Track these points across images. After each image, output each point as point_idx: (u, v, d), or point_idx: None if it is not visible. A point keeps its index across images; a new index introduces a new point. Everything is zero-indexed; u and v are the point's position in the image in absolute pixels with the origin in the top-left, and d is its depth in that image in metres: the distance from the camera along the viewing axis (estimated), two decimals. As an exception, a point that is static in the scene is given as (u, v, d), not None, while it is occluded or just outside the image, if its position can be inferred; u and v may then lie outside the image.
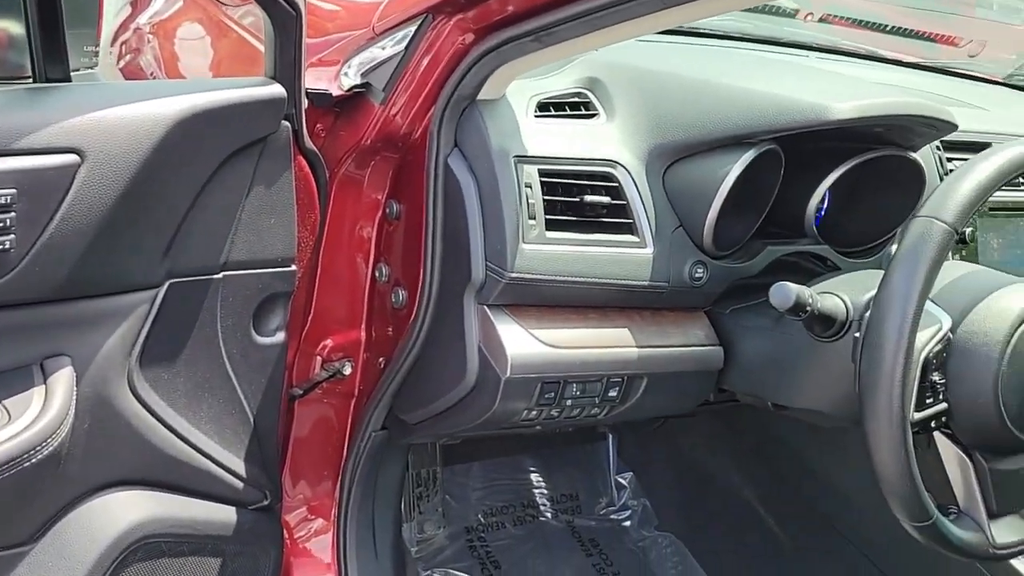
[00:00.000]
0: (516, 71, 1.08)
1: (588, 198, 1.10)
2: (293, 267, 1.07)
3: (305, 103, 1.06)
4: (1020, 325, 0.95)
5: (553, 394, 1.12)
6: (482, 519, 1.77)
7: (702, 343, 1.21)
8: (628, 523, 1.87)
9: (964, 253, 1.41)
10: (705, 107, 1.14)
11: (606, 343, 1.14)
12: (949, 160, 1.43)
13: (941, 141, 1.42)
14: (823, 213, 1.35)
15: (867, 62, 1.92)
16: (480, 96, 1.09)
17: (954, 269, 1.04)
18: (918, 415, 0.92)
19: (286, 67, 0.98)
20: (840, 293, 1.06)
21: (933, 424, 0.96)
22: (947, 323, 0.96)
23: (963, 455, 0.99)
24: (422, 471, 1.67)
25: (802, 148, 1.28)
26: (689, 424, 1.83)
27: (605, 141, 1.15)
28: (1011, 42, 2.22)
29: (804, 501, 1.63)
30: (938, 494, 1.02)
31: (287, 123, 1.01)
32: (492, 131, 1.07)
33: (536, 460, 1.89)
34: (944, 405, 0.96)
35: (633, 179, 1.14)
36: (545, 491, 1.87)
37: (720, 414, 1.73)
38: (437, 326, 1.14)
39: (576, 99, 1.21)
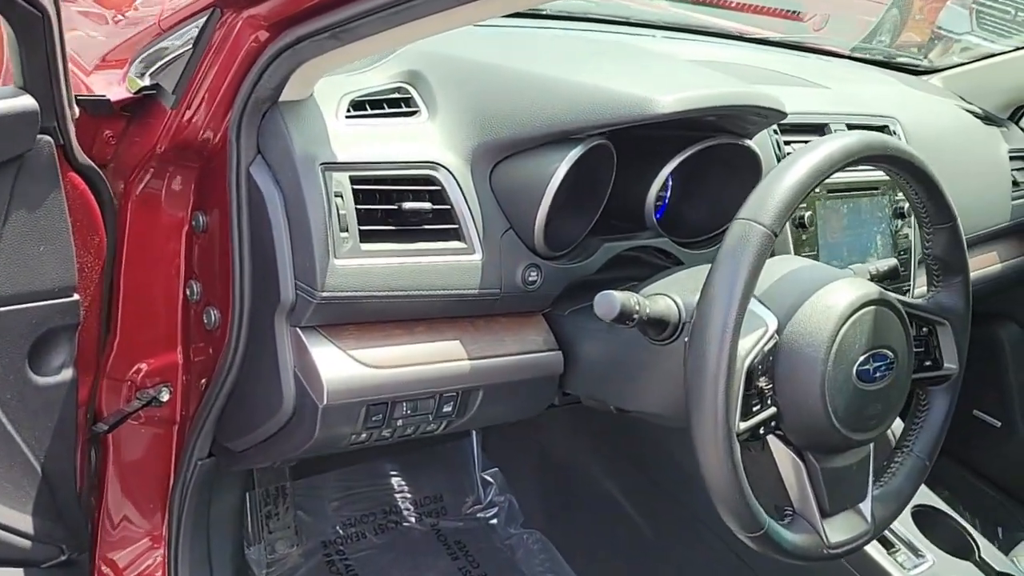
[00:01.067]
0: (320, 69, 0.99)
1: (407, 205, 1.02)
2: (75, 297, 0.96)
3: (76, 112, 0.94)
4: (844, 323, 0.93)
5: (381, 416, 1.05)
6: (340, 531, 1.69)
7: (540, 349, 1.15)
8: (495, 521, 1.82)
9: (805, 237, 1.40)
10: (530, 102, 1.08)
11: (436, 358, 1.07)
12: (787, 143, 1.42)
13: (778, 125, 1.40)
14: (666, 204, 1.32)
15: (715, 40, 1.91)
16: (283, 98, 0.99)
17: (783, 265, 1.02)
18: (745, 424, 0.89)
19: (37, 75, 0.85)
20: (672, 294, 1.02)
21: (762, 430, 0.93)
22: (773, 324, 0.94)
23: (795, 456, 0.97)
24: (270, 488, 1.58)
25: (638, 139, 1.24)
26: (553, 415, 1.79)
27: (426, 141, 1.07)
28: (854, 16, 2.25)
29: (667, 493, 1.62)
30: (775, 496, 1.01)
31: (48, 137, 0.89)
32: (296, 136, 0.98)
33: (396, 463, 1.83)
34: (773, 409, 0.94)
35: (457, 181, 1.07)
36: (408, 495, 1.80)
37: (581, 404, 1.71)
38: (253, 350, 1.05)
39: (396, 95, 1.12)
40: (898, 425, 1.15)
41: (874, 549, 1.38)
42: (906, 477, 1.08)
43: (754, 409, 0.91)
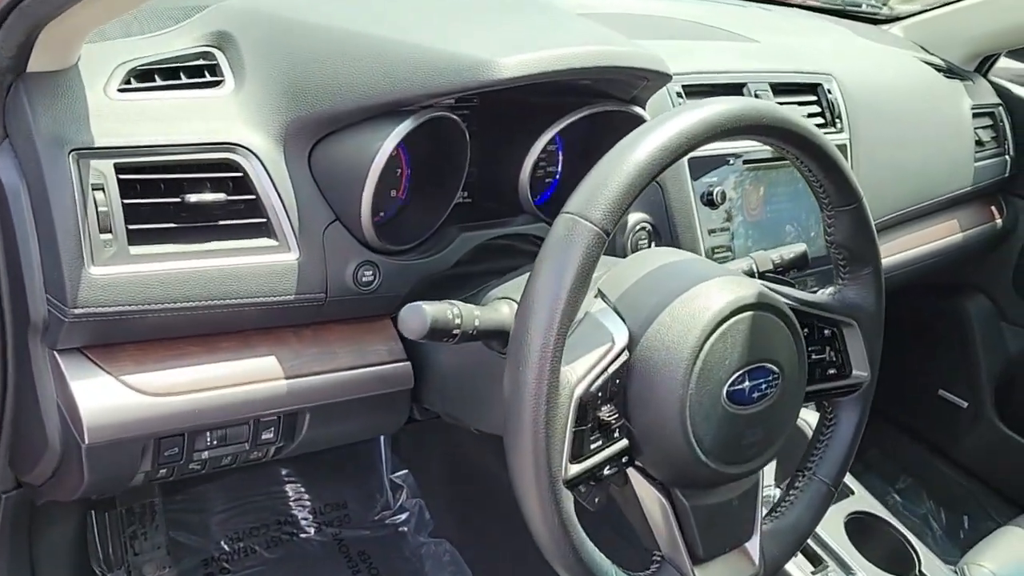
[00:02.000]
0: (74, 31, 0.80)
1: (192, 198, 0.84)
2: None
3: None
4: (709, 336, 0.76)
5: (178, 450, 0.88)
6: (225, 547, 1.53)
7: (384, 360, 0.98)
8: (405, 528, 1.67)
9: (715, 217, 1.22)
10: (349, 68, 0.89)
11: (244, 379, 0.89)
12: (696, 108, 1.23)
13: (684, 86, 1.22)
14: (557, 183, 1.15)
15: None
16: (32, 68, 0.81)
17: (647, 262, 0.84)
18: (578, 467, 0.72)
19: None
20: (515, 297, 0.85)
21: (608, 469, 0.76)
22: (622, 339, 0.76)
23: (659, 494, 0.80)
24: (134, 506, 1.42)
25: (509, 108, 1.06)
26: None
27: (226, 119, 0.89)
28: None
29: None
30: (646, 539, 0.84)
31: None
32: (42, 115, 0.80)
33: (294, 468, 1.66)
34: (625, 442, 0.77)
35: (265, 166, 0.89)
36: (307, 503, 1.65)
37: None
38: (20, 376, 0.88)
39: (200, 62, 0.94)
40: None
41: (795, 567, 1.22)
42: (806, 507, 0.91)
43: (593, 447, 0.74)
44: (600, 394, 0.73)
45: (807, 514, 0.91)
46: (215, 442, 0.90)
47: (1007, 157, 1.91)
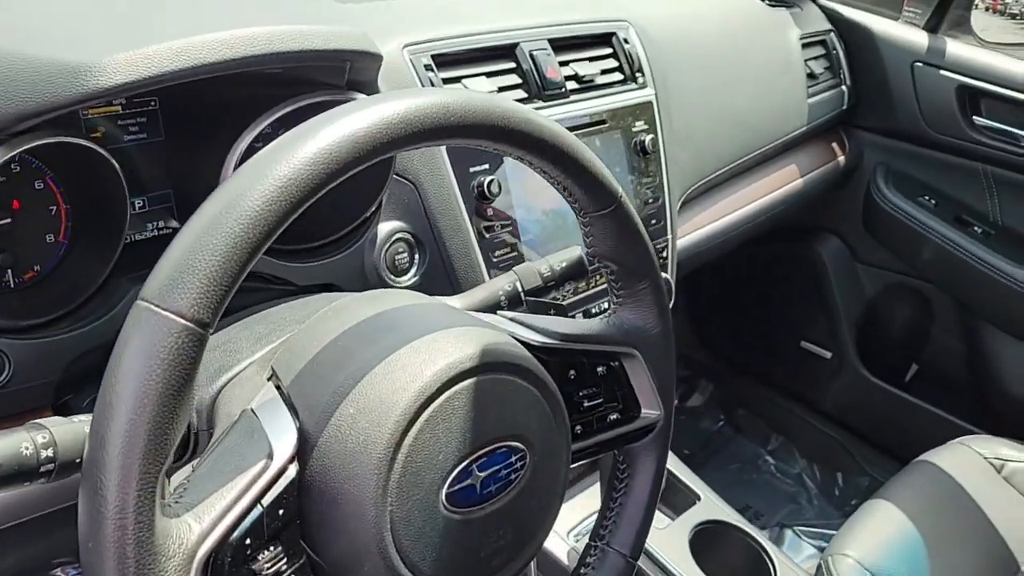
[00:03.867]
0: None
1: None
2: None
3: None
4: (410, 426, 0.54)
5: None
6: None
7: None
8: None
9: (491, 213, 1.00)
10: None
11: None
12: (456, 80, 1.01)
13: (435, 56, 0.99)
14: None
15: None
16: None
17: (344, 316, 0.61)
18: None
19: None
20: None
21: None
22: (285, 450, 0.54)
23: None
24: None
25: (202, 107, 0.82)
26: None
27: None
28: None
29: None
30: None
31: None
32: None
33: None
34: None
35: None
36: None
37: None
38: None
39: None
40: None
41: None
42: (600, 591, 0.72)
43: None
44: (250, 540, 0.51)
45: (600, 600, 0.72)
46: None
47: (843, 88, 1.76)
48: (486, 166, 0.99)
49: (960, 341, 1.82)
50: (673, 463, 1.26)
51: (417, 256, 0.95)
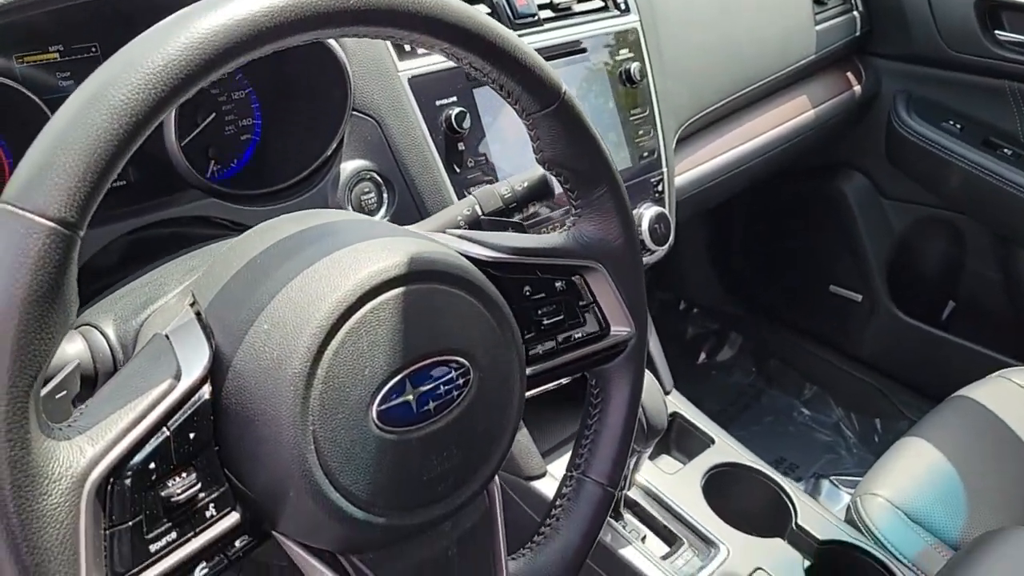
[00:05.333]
0: None
1: None
2: None
3: None
4: (329, 338, 0.50)
5: None
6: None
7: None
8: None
9: (463, 148, 0.96)
10: None
11: None
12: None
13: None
14: (256, 143, 0.89)
15: None
16: None
17: (268, 235, 0.57)
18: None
19: None
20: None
21: (219, 559, 0.51)
22: (196, 370, 0.50)
23: (326, 569, 0.55)
24: None
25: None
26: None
27: None
28: None
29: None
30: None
31: None
32: None
33: None
34: (235, 516, 0.52)
35: None
36: None
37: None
38: None
39: None
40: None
41: (640, 555, 0.99)
42: (576, 523, 0.67)
43: (161, 545, 0.48)
44: (155, 465, 0.48)
45: (576, 533, 0.67)
46: None
47: (855, 14, 1.67)
48: (454, 98, 0.95)
49: (998, 272, 1.72)
50: (685, 406, 1.21)
51: (386, 195, 0.91)
